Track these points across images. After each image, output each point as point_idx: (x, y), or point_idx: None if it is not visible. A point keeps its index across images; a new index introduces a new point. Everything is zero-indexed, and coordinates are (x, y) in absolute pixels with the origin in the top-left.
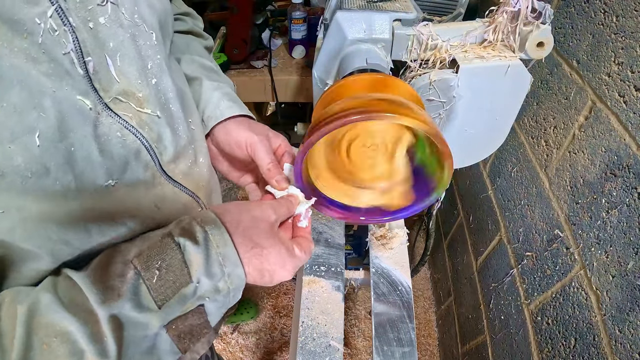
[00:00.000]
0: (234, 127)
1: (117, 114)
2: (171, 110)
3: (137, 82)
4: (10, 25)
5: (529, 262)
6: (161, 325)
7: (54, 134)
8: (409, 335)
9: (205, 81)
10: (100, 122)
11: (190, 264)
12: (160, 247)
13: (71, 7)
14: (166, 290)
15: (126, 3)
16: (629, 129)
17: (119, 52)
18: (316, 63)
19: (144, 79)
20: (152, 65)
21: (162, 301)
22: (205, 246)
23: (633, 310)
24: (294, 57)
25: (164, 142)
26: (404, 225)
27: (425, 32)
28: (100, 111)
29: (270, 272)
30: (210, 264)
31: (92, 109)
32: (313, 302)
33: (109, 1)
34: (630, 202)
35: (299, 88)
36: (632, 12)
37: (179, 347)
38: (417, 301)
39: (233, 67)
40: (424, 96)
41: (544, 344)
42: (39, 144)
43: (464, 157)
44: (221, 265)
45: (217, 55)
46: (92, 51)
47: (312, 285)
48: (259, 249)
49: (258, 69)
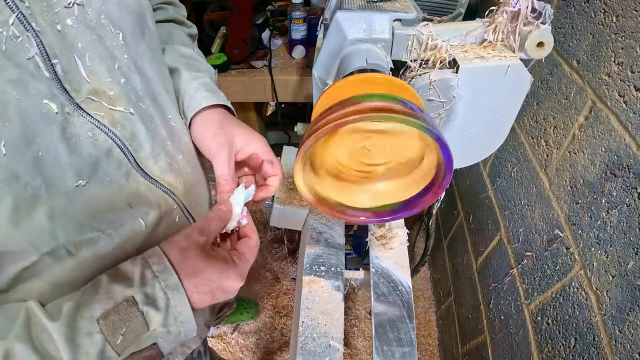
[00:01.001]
0: (205, 122)
1: (89, 114)
2: (143, 108)
3: (108, 81)
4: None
5: (529, 262)
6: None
7: (20, 141)
8: (409, 335)
9: (184, 72)
10: (71, 122)
11: (150, 322)
12: (126, 314)
13: (36, 11)
14: (127, 343)
15: (93, 3)
16: (629, 129)
17: (87, 52)
18: (316, 63)
19: (113, 78)
20: (119, 65)
21: (121, 350)
22: (166, 310)
23: (633, 310)
24: (294, 57)
25: (139, 139)
26: (404, 225)
27: (425, 32)
28: (71, 112)
29: (218, 289)
30: (167, 321)
31: (59, 112)
32: (313, 302)
33: (75, 3)
34: (630, 202)
35: (299, 88)
36: (632, 12)
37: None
38: (417, 301)
39: (233, 67)
40: (424, 96)
41: (544, 344)
42: (5, 152)
43: (464, 157)
44: (176, 318)
45: (217, 55)
46: (60, 53)
47: (312, 285)
48: (199, 274)
49: (258, 69)
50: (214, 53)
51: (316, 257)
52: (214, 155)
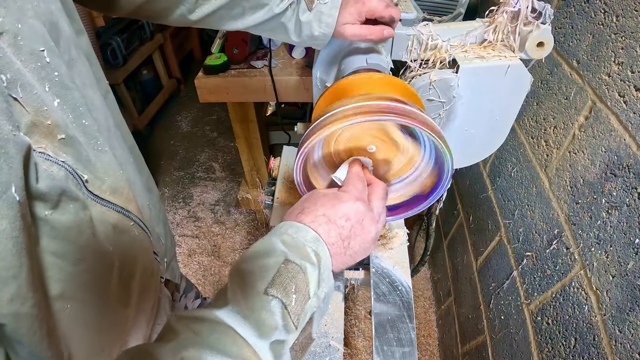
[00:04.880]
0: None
1: (34, 150)
2: (84, 125)
3: (44, 109)
4: None
5: (529, 262)
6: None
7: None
8: (409, 335)
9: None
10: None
11: (309, 282)
12: (290, 272)
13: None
14: (297, 309)
15: (6, 25)
16: (629, 129)
17: (18, 82)
18: (316, 63)
19: (49, 103)
20: (50, 86)
21: (297, 321)
22: (318, 265)
23: (633, 310)
24: (294, 57)
25: (83, 161)
26: (404, 225)
27: (425, 32)
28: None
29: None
30: (320, 278)
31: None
32: None
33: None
34: (630, 202)
35: (299, 88)
36: (632, 12)
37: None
38: (417, 301)
39: (233, 67)
40: (424, 96)
41: (544, 344)
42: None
43: (464, 157)
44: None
45: (217, 55)
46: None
47: None
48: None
49: (258, 69)
50: (214, 53)
51: None
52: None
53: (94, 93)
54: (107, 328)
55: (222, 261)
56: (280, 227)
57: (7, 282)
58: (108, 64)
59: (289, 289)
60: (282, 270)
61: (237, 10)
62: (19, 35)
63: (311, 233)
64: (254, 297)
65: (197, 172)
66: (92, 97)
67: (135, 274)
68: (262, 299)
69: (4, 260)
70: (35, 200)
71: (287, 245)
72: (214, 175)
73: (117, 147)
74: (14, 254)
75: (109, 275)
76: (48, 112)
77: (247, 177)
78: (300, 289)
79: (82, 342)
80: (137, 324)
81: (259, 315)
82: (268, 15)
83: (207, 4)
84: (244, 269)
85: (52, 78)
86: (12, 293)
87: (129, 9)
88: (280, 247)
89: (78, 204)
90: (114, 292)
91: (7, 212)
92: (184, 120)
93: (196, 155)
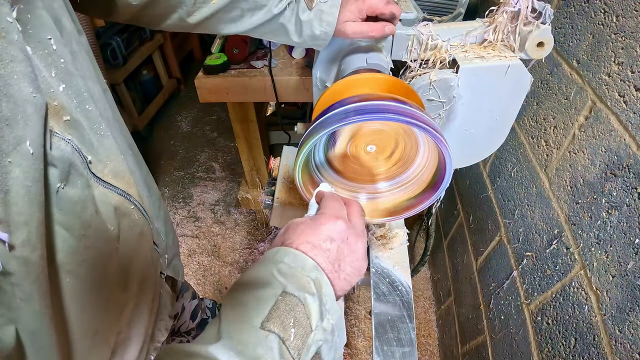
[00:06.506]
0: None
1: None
2: (87, 110)
3: (51, 91)
4: None
5: (529, 262)
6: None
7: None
8: (409, 335)
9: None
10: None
11: (310, 315)
12: (288, 305)
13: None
14: (297, 344)
15: (20, 14)
16: (629, 129)
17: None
18: (316, 63)
19: (55, 87)
20: (56, 72)
21: (297, 356)
22: (318, 295)
23: (633, 310)
24: (294, 57)
25: (86, 144)
26: (404, 225)
27: (425, 32)
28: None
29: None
30: (323, 309)
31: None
32: None
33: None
34: (630, 202)
35: (299, 88)
36: (632, 12)
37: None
38: (417, 301)
39: (233, 67)
40: (424, 96)
41: (544, 344)
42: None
43: (464, 157)
44: (324, 305)
45: (217, 55)
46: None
47: None
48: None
49: (258, 69)
50: (214, 53)
51: None
52: None
53: (94, 85)
54: (103, 310)
55: (222, 261)
56: (276, 254)
57: (19, 227)
58: (108, 64)
59: (287, 323)
60: (279, 303)
61: (236, 12)
62: (28, 24)
63: (309, 261)
64: (249, 331)
65: (197, 172)
66: (92, 88)
67: (134, 258)
68: (259, 333)
69: (17, 205)
70: (49, 167)
71: (284, 275)
72: (214, 175)
73: (118, 137)
74: (26, 201)
75: (109, 256)
76: (55, 94)
77: (247, 177)
78: (300, 321)
79: (77, 320)
80: (139, 315)
81: (254, 351)
82: (267, 17)
83: (205, 7)
84: (238, 299)
85: (58, 65)
86: (23, 238)
87: (127, 15)
88: (277, 278)
89: (83, 180)
90: (113, 274)
91: (20, 162)
92: (184, 120)
93: (196, 155)
